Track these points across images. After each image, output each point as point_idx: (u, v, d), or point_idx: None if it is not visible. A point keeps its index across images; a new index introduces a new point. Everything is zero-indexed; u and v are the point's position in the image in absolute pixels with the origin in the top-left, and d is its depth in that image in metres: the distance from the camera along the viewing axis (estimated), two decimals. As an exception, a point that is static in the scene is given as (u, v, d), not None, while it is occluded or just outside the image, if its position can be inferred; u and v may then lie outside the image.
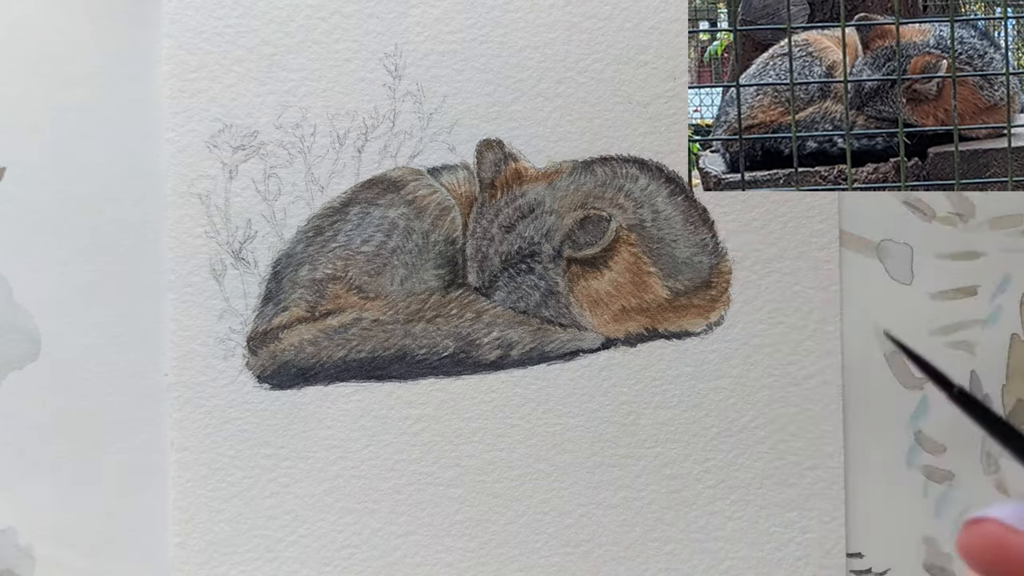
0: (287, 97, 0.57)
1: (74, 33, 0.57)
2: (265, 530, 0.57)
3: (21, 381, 0.57)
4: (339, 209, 0.58)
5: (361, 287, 0.58)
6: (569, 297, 0.58)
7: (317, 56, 0.57)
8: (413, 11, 0.58)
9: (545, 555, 0.58)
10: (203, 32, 0.57)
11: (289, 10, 0.57)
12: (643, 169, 0.58)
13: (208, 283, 0.57)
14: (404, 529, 0.57)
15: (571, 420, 0.58)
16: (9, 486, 0.57)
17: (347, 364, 0.57)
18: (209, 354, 0.57)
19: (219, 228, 0.57)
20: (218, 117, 0.57)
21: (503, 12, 0.58)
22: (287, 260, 0.58)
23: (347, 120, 0.58)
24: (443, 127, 0.58)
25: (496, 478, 0.58)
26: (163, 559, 0.57)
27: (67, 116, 0.57)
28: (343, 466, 0.57)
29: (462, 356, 0.58)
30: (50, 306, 0.57)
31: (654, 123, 0.58)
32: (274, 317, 0.58)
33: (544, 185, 0.58)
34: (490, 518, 0.58)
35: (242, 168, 0.57)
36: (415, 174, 0.58)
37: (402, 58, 0.58)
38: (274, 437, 0.57)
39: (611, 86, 0.58)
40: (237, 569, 0.57)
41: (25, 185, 0.57)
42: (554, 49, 0.58)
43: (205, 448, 0.57)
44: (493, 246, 0.58)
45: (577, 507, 0.58)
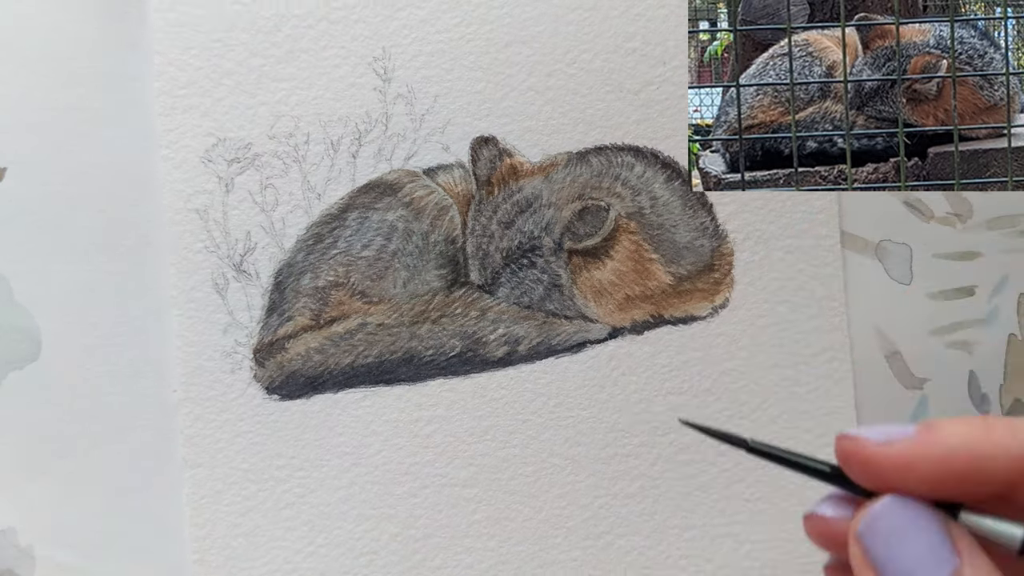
0: (279, 107, 0.57)
1: (74, 33, 0.57)
2: (283, 542, 0.57)
3: (21, 381, 0.57)
4: (337, 216, 0.58)
5: (364, 292, 0.58)
6: (573, 289, 0.58)
7: (306, 64, 0.58)
8: (399, 14, 0.58)
9: (566, 549, 0.57)
10: (191, 48, 0.57)
11: (275, 20, 0.58)
12: (639, 156, 0.58)
13: (211, 298, 0.57)
14: (422, 533, 0.57)
15: (583, 412, 0.58)
16: (9, 486, 0.56)
17: (355, 370, 0.57)
18: (216, 368, 0.57)
19: (219, 242, 0.57)
20: (211, 131, 0.57)
21: (488, 9, 0.58)
22: (288, 270, 0.58)
23: (340, 126, 0.58)
24: (436, 127, 0.58)
25: (511, 475, 0.57)
26: (163, 559, 0.57)
27: (67, 116, 0.57)
28: (357, 473, 0.57)
29: (469, 355, 0.57)
30: (50, 306, 0.57)
31: (654, 123, 0.58)
32: (279, 328, 0.57)
33: (540, 179, 0.58)
34: (508, 516, 0.57)
35: (238, 181, 0.57)
36: (411, 176, 0.58)
37: (391, 61, 0.58)
38: (286, 448, 0.57)
39: (601, 76, 0.58)
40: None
41: (25, 185, 0.57)
42: (542, 42, 0.58)
43: (218, 463, 0.57)
44: (493, 243, 0.58)
45: (595, 499, 0.58)
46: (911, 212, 0.59)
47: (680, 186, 0.58)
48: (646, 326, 0.58)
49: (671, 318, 0.58)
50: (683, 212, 0.58)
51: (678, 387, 0.58)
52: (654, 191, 0.58)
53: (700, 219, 0.59)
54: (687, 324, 0.58)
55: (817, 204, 0.59)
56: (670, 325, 0.58)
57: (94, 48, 0.57)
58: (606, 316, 0.58)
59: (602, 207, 0.57)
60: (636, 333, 0.58)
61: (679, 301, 0.58)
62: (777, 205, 0.59)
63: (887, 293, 0.59)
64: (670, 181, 0.58)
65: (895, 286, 0.59)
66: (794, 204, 0.58)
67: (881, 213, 0.59)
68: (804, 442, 0.58)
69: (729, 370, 0.58)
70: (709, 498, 0.58)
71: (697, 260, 0.58)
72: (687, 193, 0.59)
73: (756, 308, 0.58)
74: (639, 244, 0.58)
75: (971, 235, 0.60)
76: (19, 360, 0.57)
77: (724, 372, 0.58)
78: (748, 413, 0.58)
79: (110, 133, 0.57)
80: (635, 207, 0.58)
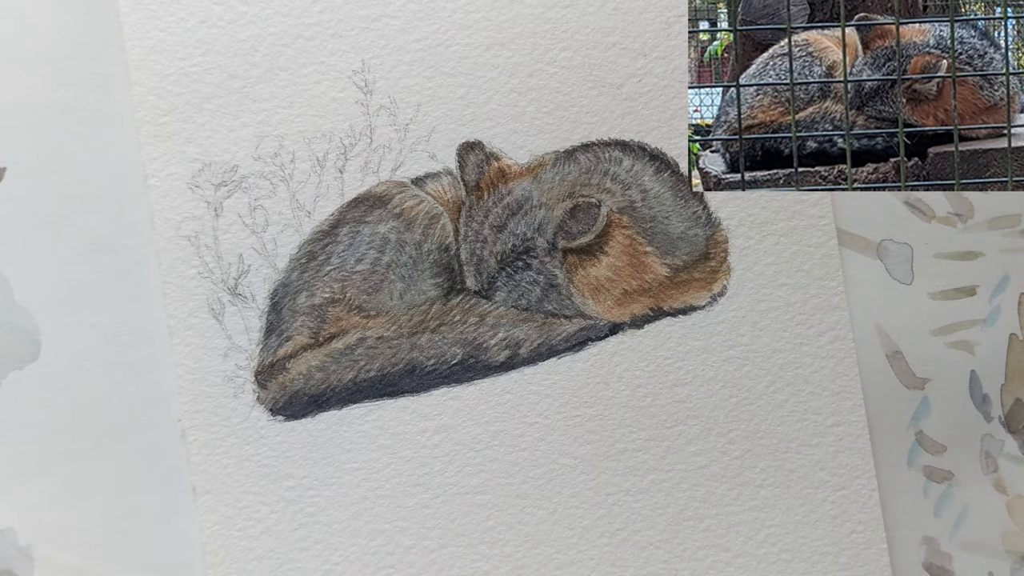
0: (262, 127, 0.57)
1: (74, 33, 0.57)
2: (298, 562, 0.57)
3: (21, 381, 0.56)
4: (328, 232, 0.58)
5: (361, 306, 0.58)
6: (570, 288, 0.58)
7: (286, 83, 0.57)
8: (375, 25, 0.58)
9: (582, 549, 0.57)
10: (169, 75, 0.57)
11: (252, 41, 0.57)
12: (626, 150, 0.58)
13: (208, 323, 0.57)
14: (437, 543, 0.57)
15: (589, 410, 0.58)
16: (9, 486, 0.56)
17: (358, 385, 0.57)
18: (219, 394, 0.57)
19: (212, 267, 0.57)
20: (196, 157, 0.57)
21: (465, 14, 0.58)
22: (284, 290, 0.57)
23: (324, 142, 0.57)
24: (421, 136, 0.58)
25: (522, 479, 0.57)
26: (163, 559, 0.56)
27: (66, 116, 0.57)
28: (367, 488, 0.57)
29: (471, 361, 0.57)
30: (50, 306, 0.57)
31: (639, 116, 0.58)
32: (279, 348, 0.57)
33: (529, 180, 0.58)
34: (521, 520, 0.57)
35: (227, 204, 0.57)
36: (399, 187, 0.58)
37: (371, 73, 0.58)
38: (295, 468, 0.57)
39: (582, 72, 0.58)
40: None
41: (25, 185, 0.57)
42: (520, 43, 0.58)
43: (228, 489, 0.56)
44: (487, 247, 0.58)
45: (607, 496, 0.58)
46: (912, 212, 0.59)
47: (670, 177, 0.58)
48: (646, 319, 0.58)
49: (670, 310, 0.58)
50: (675, 203, 0.58)
51: (682, 378, 0.58)
52: (644, 184, 0.58)
53: (692, 208, 0.58)
54: (687, 315, 0.58)
55: (812, 197, 0.58)
56: (670, 317, 0.58)
57: (94, 48, 0.57)
58: (605, 312, 0.58)
59: (593, 204, 0.57)
60: (636, 327, 0.58)
61: (677, 292, 0.58)
62: (771, 202, 0.58)
63: (888, 293, 0.59)
64: (659, 173, 0.58)
65: (896, 286, 0.59)
66: (790, 201, 0.58)
67: (882, 213, 0.59)
68: (813, 423, 0.58)
69: (732, 357, 0.58)
70: (722, 487, 0.58)
71: (692, 250, 0.58)
72: (677, 184, 0.58)
73: (755, 293, 0.58)
74: (633, 238, 0.58)
75: (972, 235, 0.59)
76: (19, 360, 0.57)
77: (727, 360, 0.58)
78: (754, 399, 0.58)
79: (110, 133, 0.57)
80: (626, 201, 0.58)
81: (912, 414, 0.59)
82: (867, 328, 0.59)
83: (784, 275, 0.58)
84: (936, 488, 0.59)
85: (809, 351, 0.58)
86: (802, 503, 0.58)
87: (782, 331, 0.58)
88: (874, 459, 0.58)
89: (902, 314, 0.59)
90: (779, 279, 0.58)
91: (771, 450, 0.58)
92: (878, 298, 0.59)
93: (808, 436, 0.58)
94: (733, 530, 0.58)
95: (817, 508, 0.58)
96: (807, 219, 0.58)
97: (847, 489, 0.58)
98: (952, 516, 0.59)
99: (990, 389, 0.59)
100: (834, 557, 0.58)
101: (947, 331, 0.59)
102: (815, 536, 0.58)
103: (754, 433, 0.58)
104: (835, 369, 0.58)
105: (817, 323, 0.58)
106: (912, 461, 0.59)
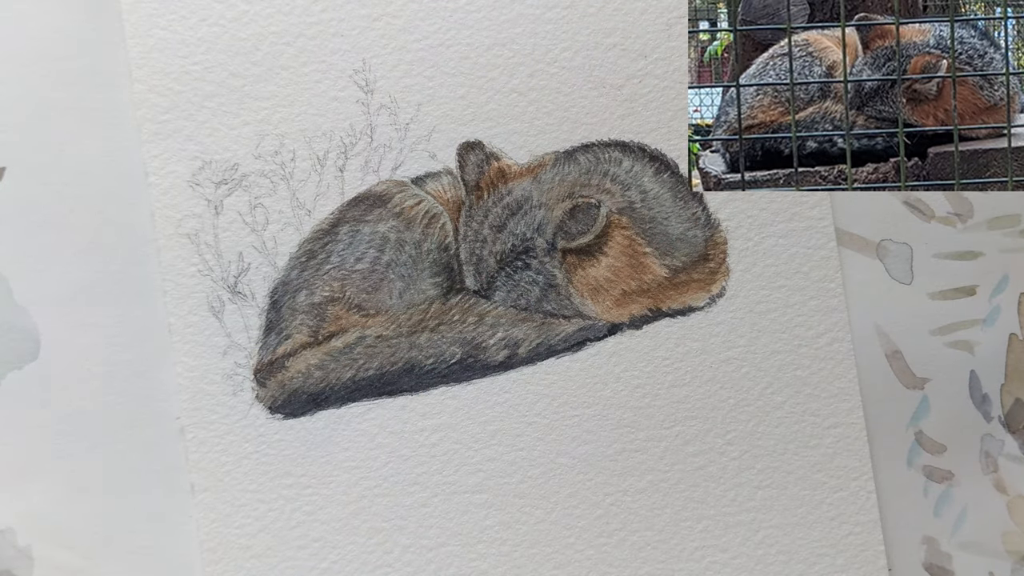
0: (262, 126, 0.57)
1: (74, 32, 0.57)
2: (296, 560, 0.57)
3: (21, 381, 0.56)
4: (328, 231, 0.58)
5: (360, 305, 0.58)
6: (569, 288, 0.58)
7: (287, 81, 0.57)
8: (376, 24, 0.58)
9: (580, 549, 0.57)
10: (170, 72, 0.57)
11: (254, 40, 0.57)
12: (626, 151, 0.58)
13: (208, 321, 0.57)
14: (435, 542, 0.57)
15: (587, 410, 0.58)
16: (9, 486, 0.56)
17: (356, 384, 0.57)
18: (218, 392, 0.57)
19: (212, 265, 0.57)
20: (197, 155, 0.57)
21: (466, 13, 0.58)
22: (283, 288, 0.57)
23: (325, 141, 0.58)
24: (421, 135, 0.58)
25: (520, 478, 0.57)
26: (163, 559, 0.56)
27: (66, 116, 0.57)
28: (366, 486, 0.57)
29: (470, 361, 0.57)
30: (50, 306, 0.57)
31: (639, 117, 0.58)
32: (278, 346, 0.57)
33: (529, 180, 0.58)
34: (519, 519, 0.57)
35: (227, 202, 0.57)
36: (399, 186, 0.58)
37: (372, 72, 0.58)
38: (293, 466, 0.57)
39: (583, 73, 0.58)
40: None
41: (25, 185, 0.57)
42: (521, 43, 0.58)
43: (226, 487, 0.56)
44: (487, 247, 0.58)
45: (605, 496, 0.58)
46: (911, 212, 0.59)
47: (669, 178, 0.58)
48: (644, 320, 0.58)
49: (669, 310, 0.58)
50: (674, 204, 0.58)
51: (681, 379, 0.58)
52: (644, 185, 0.58)
53: (691, 210, 0.58)
54: (685, 315, 0.58)
55: (811, 199, 0.59)
56: (668, 318, 0.58)
57: (93, 47, 0.57)
58: (604, 313, 0.58)
59: (593, 204, 0.57)
60: (635, 328, 0.58)
61: (676, 293, 0.58)
62: (771, 203, 0.58)
63: (888, 293, 0.59)
64: (659, 174, 0.58)
65: (896, 286, 0.59)
66: (790, 202, 0.58)
67: (882, 213, 0.59)
68: (811, 424, 0.58)
69: (731, 358, 0.58)
70: (720, 488, 0.58)
71: (691, 251, 0.58)
72: (677, 185, 0.58)
73: (754, 295, 0.58)
74: (632, 239, 0.58)
75: (972, 235, 0.59)
76: (19, 360, 0.57)
77: (726, 361, 0.58)
78: (753, 400, 0.58)
79: (110, 133, 0.57)
80: (626, 202, 0.58)
81: (912, 414, 0.59)
82: (867, 328, 0.59)
83: (783, 277, 0.58)
84: (936, 488, 0.59)
85: (807, 353, 0.58)
86: (800, 504, 0.58)
87: (780, 332, 0.58)
88: (874, 459, 0.58)
89: (902, 314, 0.59)
90: (778, 281, 0.58)
91: (769, 451, 0.58)
92: (878, 298, 0.59)
93: (806, 437, 0.58)
94: (731, 531, 0.58)
95: (815, 509, 0.58)
96: (806, 221, 0.58)
97: (845, 491, 0.58)
98: (952, 516, 0.59)
99: (990, 389, 0.59)
100: (832, 558, 0.58)
101: (947, 331, 0.59)
102: (813, 537, 0.58)
103: (752, 434, 0.58)
104: (833, 371, 0.58)
105: (816, 325, 0.58)
106: (912, 461, 0.59)
